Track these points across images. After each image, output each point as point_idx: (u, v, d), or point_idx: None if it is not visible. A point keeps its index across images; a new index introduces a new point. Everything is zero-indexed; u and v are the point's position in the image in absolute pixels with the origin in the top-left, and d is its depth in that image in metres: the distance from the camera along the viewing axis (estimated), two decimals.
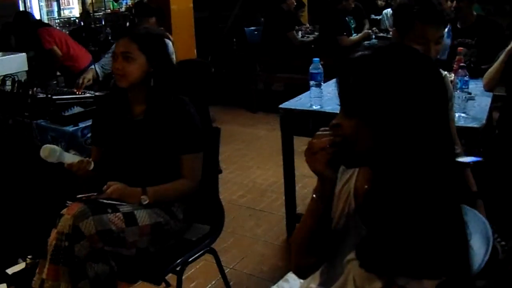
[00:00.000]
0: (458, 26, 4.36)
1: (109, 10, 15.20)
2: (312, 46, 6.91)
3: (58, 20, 15.98)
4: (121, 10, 14.41)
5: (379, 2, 9.07)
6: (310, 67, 3.06)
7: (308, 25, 7.84)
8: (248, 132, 5.89)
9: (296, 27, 7.07)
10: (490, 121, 3.22)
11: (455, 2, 4.27)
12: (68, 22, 15.03)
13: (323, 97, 3.17)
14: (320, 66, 3.06)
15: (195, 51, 6.12)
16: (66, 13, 16.68)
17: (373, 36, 7.03)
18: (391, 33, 3.74)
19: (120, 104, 2.36)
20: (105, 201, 2.11)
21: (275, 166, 4.55)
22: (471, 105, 3.07)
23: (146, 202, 2.17)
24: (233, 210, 3.89)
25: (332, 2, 6.24)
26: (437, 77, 1.17)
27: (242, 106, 6.96)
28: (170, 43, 4.40)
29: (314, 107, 3.08)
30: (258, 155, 5.12)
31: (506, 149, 3.30)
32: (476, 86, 3.56)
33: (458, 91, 2.93)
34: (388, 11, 7.92)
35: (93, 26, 12.26)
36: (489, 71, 3.61)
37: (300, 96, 3.39)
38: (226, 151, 5.22)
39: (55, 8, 17.60)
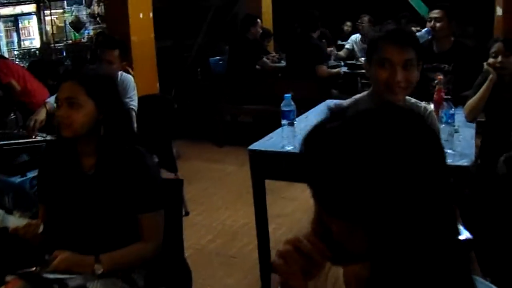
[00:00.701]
0: (435, 50, 4.19)
1: (70, 41, 14.85)
2: (279, 75, 6.70)
3: (18, 52, 15.58)
4: (82, 40, 14.07)
5: (345, 28, 8.96)
6: (282, 104, 2.81)
7: (274, 54, 7.63)
8: (215, 168, 5.59)
9: (263, 56, 6.84)
10: None
11: (433, 22, 4.11)
12: (28, 54, 14.63)
13: (297, 135, 2.92)
14: (292, 102, 2.81)
15: (158, 84, 5.83)
16: (26, 44, 16.29)
17: (342, 64, 6.88)
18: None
19: (68, 156, 2.04)
20: (50, 275, 1.80)
21: (245, 205, 4.23)
22: (456, 139, 2.88)
23: (100, 271, 1.86)
24: (201, 258, 3.59)
25: (306, 29, 6.00)
26: (436, 149, 0.94)
27: (208, 140, 6.65)
28: (131, 79, 4.14)
29: (287, 148, 2.82)
30: (227, 193, 4.83)
31: (489, 183, 3.10)
32: (457, 116, 3.37)
33: (443, 125, 2.72)
34: (357, 36, 7.79)
35: (54, 57, 11.93)
36: (471, 101, 3.45)
37: (271, 134, 3.12)
38: (192, 190, 4.92)
39: (15, 39, 17.19)
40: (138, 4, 5.52)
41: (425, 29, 4.03)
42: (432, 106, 3.22)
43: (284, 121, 2.82)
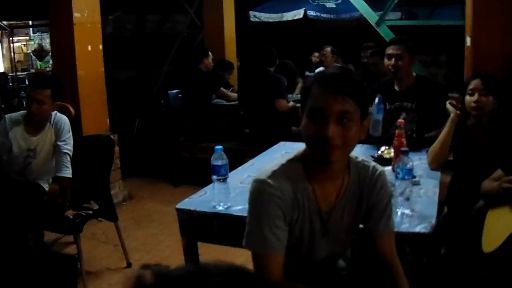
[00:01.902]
0: (396, 89, 3.89)
1: (33, 70, 14.46)
2: (241, 112, 6.35)
3: None
4: (47, 69, 13.71)
5: (313, 59, 8.70)
6: (212, 158, 2.46)
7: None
8: (167, 211, 5.16)
9: (223, 89, 6.50)
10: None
11: (393, 60, 3.79)
12: None
13: (231, 192, 2.58)
14: (225, 156, 2.46)
15: (108, 120, 5.46)
16: None
17: None
18: None
19: None
20: None
21: None
22: (417, 194, 2.57)
23: None
24: None
25: (262, 63, 5.66)
26: None
27: (164, 178, 6.29)
28: (66, 121, 3.80)
29: (219, 208, 2.47)
30: (176, 241, 4.32)
31: (459, 237, 2.80)
32: (420, 163, 3.07)
33: (399, 182, 2.41)
34: (320, 69, 7.50)
35: (14, 87, 11.49)
36: (434, 146, 3.14)
37: (204, 189, 2.78)
38: (139, 237, 4.56)
39: None
40: (86, 36, 5.14)
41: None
42: (389, 168, 2.94)
43: (214, 177, 2.47)
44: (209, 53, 6.40)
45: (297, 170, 1.78)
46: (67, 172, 3.67)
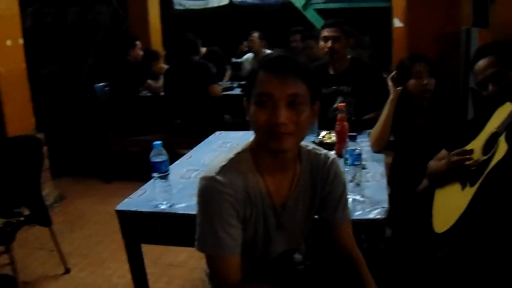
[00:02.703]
0: (331, 72, 3.86)
1: None
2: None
3: None
4: None
5: (243, 47, 8.63)
6: (151, 154, 2.32)
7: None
8: (101, 210, 5.00)
9: (150, 80, 6.30)
10: None
11: (330, 42, 3.74)
12: None
13: (173, 188, 2.47)
14: (164, 151, 2.34)
15: (34, 119, 5.20)
16: None
17: (236, 85, 6.55)
18: None
19: None
20: None
21: None
22: (365, 178, 2.53)
23: None
24: None
25: (185, 53, 5.54)
26: None
27: (96, 176, 6.07)
28: None
29: (162, 207, 2.35)
30: (113, 241, 4.23)
31: (405, 219, 2.79)
32: (363, 147, 3.05)
33: (348, 168, 2.38)
34: (249, 55, 7.44)
35: None
36: (375, 129, 3.13)
37: (144, 187, 2.64)
38: (75, 240, 4.38)
39: None
40: (4, 29, 4.84)
41: None
42: (333, 152, 2.90)
43: (155, 174, 2.34)
44: (137, 43, 6.19)
45: (247, 163, 1.69)
46: None
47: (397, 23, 4.50)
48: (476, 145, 2.32)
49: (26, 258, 3.97)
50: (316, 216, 1.86)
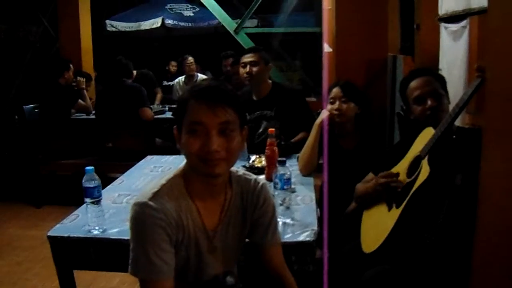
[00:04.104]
0: (254, 98, 3.97)
1: None
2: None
3: None
4: None
5: (171, 68, 8.65)
6: (83, 180, 2.32)
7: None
8: (31, 236, 4.87)
9: (80, 100, 6.22)
10: None
11: (248, 67, 3.87)
12: None
13: (105, 213, 2.48)
14: (96, 176, 2.35)
15: None
16: None
17: (167, 109, 6.57)
18: None
19: None
20: None
21: None
22: (294, 201, 2.62)
23: None
24: None
25: (117, 76, 5.53)
26: None
27: (25, 200, 5.92)
28: None
29: (94, 232, 2.35)
30: (44, 267, 4.13)
31: (334, 240, 2.87)
32: (292, 170, 3.12)
33: (278, 191, 2.46)
34: (180, 78, 7.48)
35: None
36: (303, 153, 3.24)
37: (76, 212, 2.61)
38: (2, 267, 4.25)
39: None
40: None
41: None
42: (263, 177, 2.98)
43: (87, 200, 2.34)
44: (71, 65, 6.13)
45: (179, 188, 1.73)
46: None
47: (326, 48, 4.65)
48: (401, 168, 2.44)
49: None
50: (247, 240, 1.91)
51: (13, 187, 6.40)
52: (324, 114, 3.25)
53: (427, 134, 2.34)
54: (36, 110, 6.37)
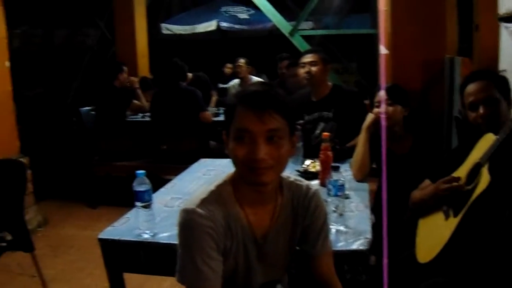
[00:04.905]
0: (313, 99, 3.94)
1: None
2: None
3: None
4: None
5: (226, 70, 8.66)
6: (134, 183, 2.33)
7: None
8: (85, 236, 4.96)
9: (135, 100, 6.31)
10: None
11: (307, 67, 3.84)
12: None
13: (156, 217, 2.48)
14: (147, 180, 2.34)
15: (18, 143, 5.18)
16: None
17: (221, 110, 6.57)
18: None
19: None
20: None
21: None
22: (348, 208, 2.55)
23: None
24: None
25: (172, 79, 5.57)
26: None
27: (81, 200, 6.04)
28: None
29: (144, 236, 2.35)
30: (97, 267, 4.11)
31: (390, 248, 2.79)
32: (346, 175, 3.07)
33: (331, 198, 2.39)
34: (236, 81, 7.48)
35: None
36: (354, 158, 3.17)
37: (127, 215, 2.62)
38: (58, 265, 4.33)
39: None
40: None
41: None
42: (317, 182, 2.93)
43: (138, 203, 2.34)
44: (124, 67, 6.22)
45: (227, 195, 1.70)
46: None
47: (383, 50, 4.56)
48: (459, 174, 2.34)
49: (6, 284, 3.94)
50: (297, 248, 1.87)
51: (70, 188, 6.55)
52: (370, 118, 3.18)
53: (487, 140, 2.24)
54: (92, 113, 6.50)
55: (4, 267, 4.07)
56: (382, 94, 3.14)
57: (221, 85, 8.34)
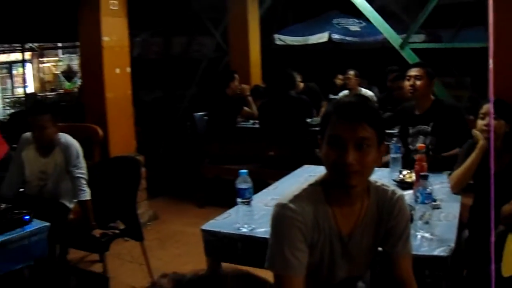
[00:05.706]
0: (416, 112, 3.97)
1: (62, 90, 14.73)
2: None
3: (9, 99, 15.47)
4: (75, 89, 13.95)
5: (338, 81, 8.71)
6: (237, 181, 2.52)
7: None
8: (192, 232, 5.19)
9: (246, 108, 6.55)
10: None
11: (412, 80, 3.88)
12: (18, 102, 14.50)
13: (255, 214, 2.64)
14: (249, 179, 2.52)
15: (135, 142, 5.57)
16: (20, 91, 16.24)
17: None
18: None
19: None
20: None
21: None
22: (437, 217, 2.60)
23: None
24: None
25: (283, 88, 5.74)
26: None
27: (189, 199, 6.35)
28: (76, 145, 3.89)
29: (243, 230, 2.52)
30: (200, 262, 4.34)
31: (480, 261, 2.79)
32: (441, 187, 3.08)
33: (419, 206, 2.45)
34: (345, 92, 7.52)
35: None
36: (458, 172, 3.14)
37: (229, 211, 2.84)
38: (164, 257, 4.62)
39: (9, 86, 17.16)
40: (114, 59, 5.27)
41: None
42: (411, 192, 2.98)
43: (239, 200, 2.53)
44: (236, 75, 6.49)
45: (318, 194, 1.83)
46: (84, 195, 3.74)
47: (491, 63, 4.45)
48: None
49: (117, 269, 4.23)
50: (379, 248, 1.96)
51: (180, 187, 6.92)
52: (478, 136, 3.14)
53: None
54: (205, 118, 6.81)
55: (116, 253, 4.40)
56: (489, 107, 3.10)
57: (332, 96, 8.41)
